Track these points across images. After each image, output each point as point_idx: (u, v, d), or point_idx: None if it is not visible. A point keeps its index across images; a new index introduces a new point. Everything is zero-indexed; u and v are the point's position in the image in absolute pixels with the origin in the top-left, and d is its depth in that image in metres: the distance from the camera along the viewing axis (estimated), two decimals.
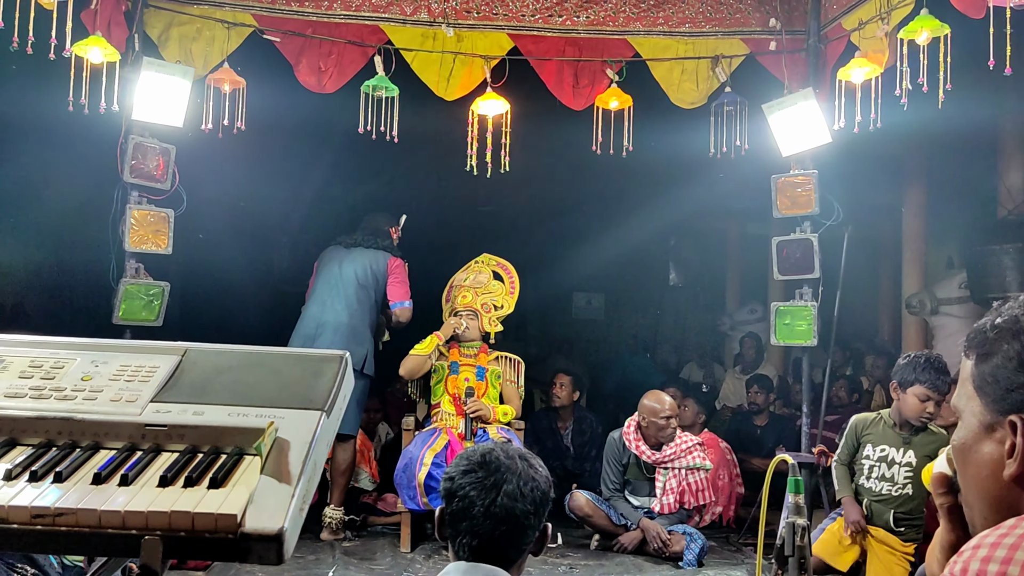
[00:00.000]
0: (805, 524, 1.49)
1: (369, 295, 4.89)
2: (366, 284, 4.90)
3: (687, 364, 9.54)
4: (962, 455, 1.00)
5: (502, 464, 1.76)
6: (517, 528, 1.73)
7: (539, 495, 1.76)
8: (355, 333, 4.77)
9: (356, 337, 4.75)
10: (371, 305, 4.90)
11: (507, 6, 4.96)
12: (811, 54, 4.87)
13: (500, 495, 1.71)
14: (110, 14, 4.31)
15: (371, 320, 4.90)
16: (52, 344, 1.37)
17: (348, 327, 4.77)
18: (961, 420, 1.02)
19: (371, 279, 4.91)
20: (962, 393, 1.02)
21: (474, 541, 1.73)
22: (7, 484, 1.11)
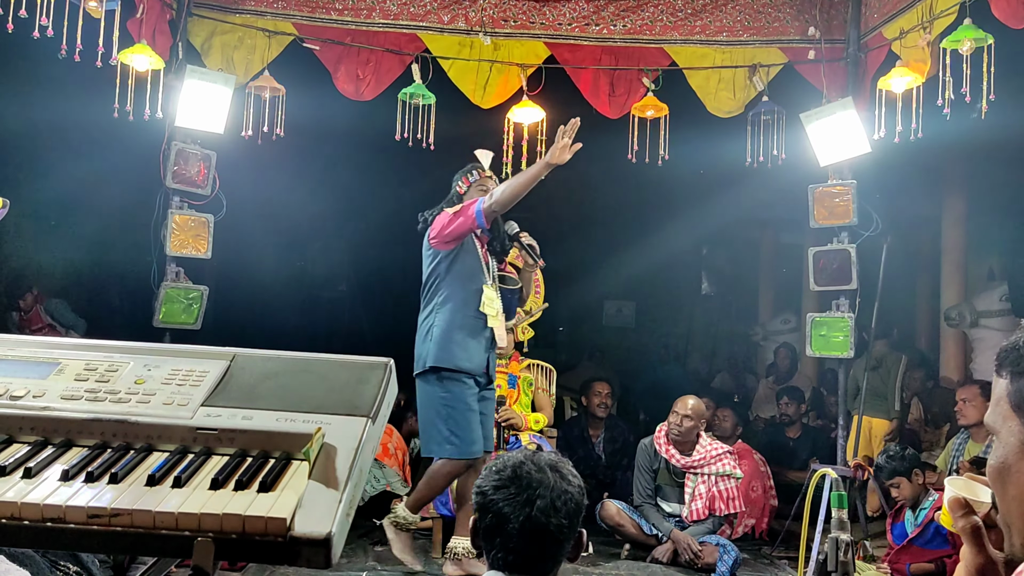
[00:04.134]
0: (849, 539, 1.47)
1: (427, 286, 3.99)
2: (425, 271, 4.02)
3: (718, 374, 9.47)
4: (1001, 476, 0.98)
5: (534, 479, 1.75)
6: (552, 542, 1.73)
7: (572, 507, 1.75)
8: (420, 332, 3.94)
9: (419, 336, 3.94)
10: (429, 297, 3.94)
11: (544, 15, 4.98)
12: (851, 63, 4.83)
13: (534, 511, 1.71)
14: (155, 23, 4.40)
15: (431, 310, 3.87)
16: (106, 348, 1.40)
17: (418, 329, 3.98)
18: (998, 440, 1.00)
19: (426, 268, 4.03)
20: (997, 412, 1.00)
21: (509, 556, 1.73)
22: (64, 484, 1.14)
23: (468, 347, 3.79)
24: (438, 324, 3.81)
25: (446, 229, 3.79)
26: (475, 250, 3.91)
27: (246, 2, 4.80)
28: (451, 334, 3.77)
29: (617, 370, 9.62)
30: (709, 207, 7.46)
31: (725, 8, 4.97)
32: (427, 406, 3.82)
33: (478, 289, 3.85)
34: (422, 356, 3.81)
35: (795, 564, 4.56)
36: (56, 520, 1.09)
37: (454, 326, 3.79)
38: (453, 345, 3.76)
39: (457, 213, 3.77)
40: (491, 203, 3.69)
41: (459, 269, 3.88)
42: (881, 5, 4.66)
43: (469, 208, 3.74)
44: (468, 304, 3.84)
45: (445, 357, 3.74)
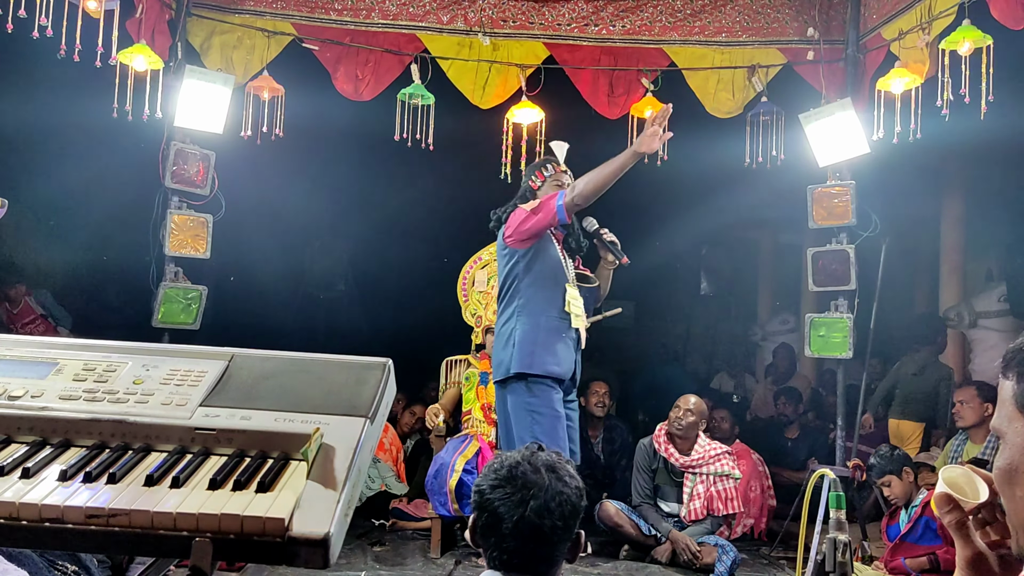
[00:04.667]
0: (847, 540, 1.47)
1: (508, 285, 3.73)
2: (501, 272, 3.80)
3: (717, 374, 9.47)
4: (1009, 477, 0.98)
5: (529, 480, 1.75)
6: (546, 543, 1.73)
7: (568, 509, 1.74)
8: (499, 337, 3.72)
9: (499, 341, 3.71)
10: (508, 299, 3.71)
11: (543, 15, 4.98)
12: (849, 64, 4.83)
13: (527, 511, 1.71)
14: (154, 23, 4.40)
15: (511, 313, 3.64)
16: (104, 348, 1.40)
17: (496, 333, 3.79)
18: (1004, 442, 1.00)
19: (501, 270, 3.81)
20: (1003, 414, 1.00)
21: (504, 556, 1.74)
22: (62, 484, 1.14)
23: (555, 350, 3.56)
24: (520, 328, 3.57)
25: (524, 226, 3.55)
26: (553, 248, 3.69)
27: (245, 2, 4.80)
28: (535, 337, 3.54)
29: (615, 370, 9.61)
30: (708, 207, 7.46)
31: (724, 9, 4.98)
32: (512, 415, 3.57)
33: (561, 289, 3.64)
34: (504, 362, 3.58)
35: (793, 564, 4.57)
36: (54, 520, 1.09)
37: (538, 329, 3.56)
38: (538, 349, 3.53)
39: (535, 209, 3.52)
40: (573, 196, 3.43)
41: (539, 268, 3.64)
42: (880, 6, 4.67)
43: (548, 203, 3.50)
44: (551, 305, 3.61)
45: (531, 362, 3.50)
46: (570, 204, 3.45)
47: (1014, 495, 0.98)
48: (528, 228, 3.54)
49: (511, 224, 3.62)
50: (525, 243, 3.61)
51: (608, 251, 3.86)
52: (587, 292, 3.87)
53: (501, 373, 3.59)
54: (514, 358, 3.52)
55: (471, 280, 5.12)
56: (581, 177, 3.49)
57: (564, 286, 3.64)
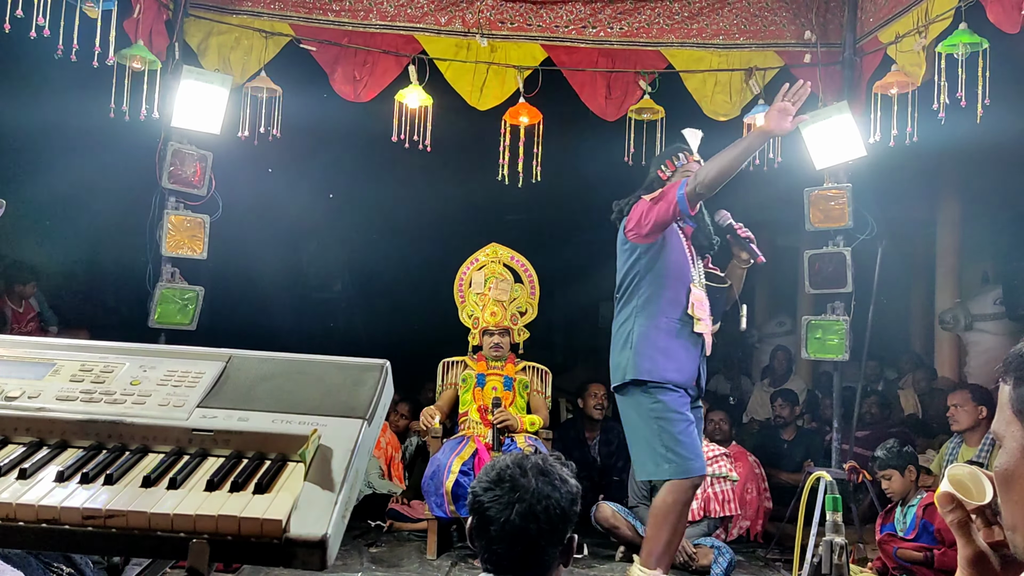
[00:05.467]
0: (843, 542, 1.48)
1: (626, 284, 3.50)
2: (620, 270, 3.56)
3: (713, 376, 9.47)
4: (1006, 481, 0.99)
5: (517, 483, 1.75)
6: (532, 546, 1.73)
7: (556, 512, 1.74)
8: (616, 340, 3.48)
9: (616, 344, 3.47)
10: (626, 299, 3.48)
11: (541, 17, 4.99)
12: (846, 67, 4.84)
13: (513, 514, 1.72)
14: (152, 23, 4.40)
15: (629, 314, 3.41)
16: (101, 348, 1.40)
17: (613, 335, 3.53)
18: (1003, 446, 1.01)
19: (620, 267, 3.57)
20: (1001, 418, 1.01)
21: (494, 557, 1.76)
22: (59, 485, 1.14)
23: (676, 356, 3.28)
24: (639, 330, 3.30)
25: (645, 219, 3.28)
26: (679, 244, 3.39)
27: (243, 3, 4.80)
28: (655, 341, 3.26)
29: None
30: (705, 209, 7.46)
31: (721, 11, 4.99)
32: (634, 422, 3.29)
33: (685, 288, 3.35)
34: (621, 366, 3.32)
35: (789, 567, 4.57)
36: (51, 521, 1.09)
37: (658, 331, 3.28)
38: (658, 354, 3.25)
39: (656, 199, 3.26)
40: (695, 185, 3.13)
41: (663, 266, 3.36)
42: (877, 9, 4.68)
43: (669, 192, 3.21)
44: (673, 306, 3.32)
45: (649, 368, 3.23)
46: (692, 193, 3.15)
47: (1010, 498, 0.99)
48: (648, 221, 3.26)
49: (632, 217, 3.35)
50: (647, 238, 3.34)
51: (742, 248, 3.55)
52: (716, 293, 3.54)
53: (618, 378, 3.34)
54: (631, 363, 3.26)
55: (468, 281, 5.11)
56: (704, 164, 3.21)
57: (689, 286, 3.36)
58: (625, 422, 3.38)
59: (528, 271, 5.13)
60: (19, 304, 6.10)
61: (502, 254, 5.13)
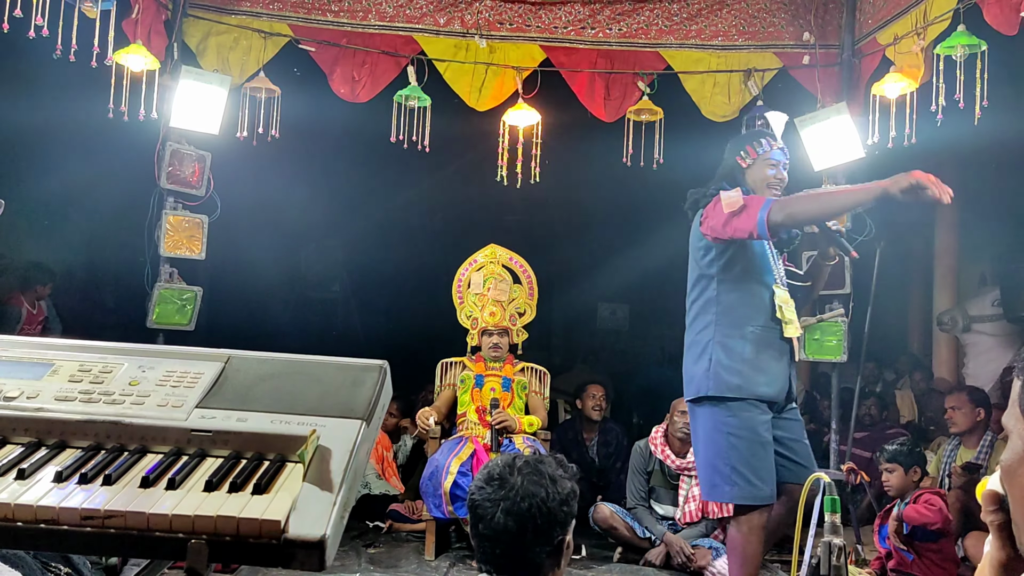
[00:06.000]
0: (842, 544, 1.48)
1: (700, 287, 3.19)
2: (692, 271, 3.26)
3: None
4: (1009, 476, 1.00)
5: (505, 481, 1.77)
6: (517, 545, 1.74)
7: (542, 512, 1.74)
8: (689, 349, 3.20)
9: (690, 354, 3.18)
10: (702, 304, 3.16)
11: (540, 18, 4.99)
12: (845, 68, 4.85)
13: (499, 512, 1.74)
14: (150, 23, 4.40)
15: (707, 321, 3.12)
16: (100, 349, 1.40)
17: (686, 344, 3.23)
18: (1010, 441, 1.02)
19: (692, 264, 3.25)
20: (1011, 414, 1.02)
21: (485, 555, 1.79)
22: (58, 486, 1.14)
23: (767, 367, 3.01)
24: (721, 340, 3.01)
25: (719, 229, 3.00)
26: (760, 242, 3.08)
27: (242, 3, 4.80)
28: (742, 352, 2.99)
29: (611, 373, 9.63)
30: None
31: (720, 13, 4.99)
32: (706, 437, 3.04)
33: (769, 291, 3.08)
34: (696, 378, 3.06)
35: (788, 568, 4.57)
36: (49, 522, 1.09)
37: (744, 342, 3.01)
38: (746, 367, 2.98)
39: (735, 213, 2.92)
40: (783, 216, 2.83)
41: (743, 267, 3.07)
42: (875, 11, 4.69)
43: (753, 211, 2.88)
44: (758, 311, 3.04)
45: (738, 384, 2.96)
46: (776, 223, 2.85)
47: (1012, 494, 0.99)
48: (723, 232, 2.99)
49: (707, 218, 3.06)
50: (722, 241, 3.07)
51: (830, 243, 3.19)
52: (797, 294, 3.29)
53: (692, 391, 3.07)
54: (712, 377, 2.98)
55: (466, 282, 5.11)
56: (800, 194, 2.95)
57: (772, 287, 3.09)
58: (696, 436, 3.13)
59: (527, 272, 5.12)
60: (34, 305, 6.12)
61: (501, 255, 5.13)
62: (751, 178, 3.14)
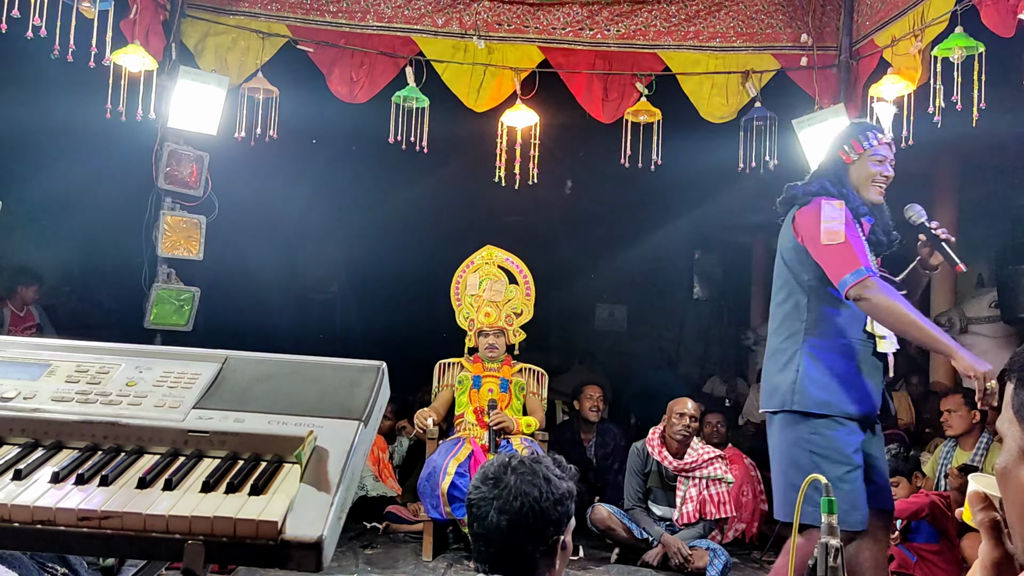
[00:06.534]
0: (839, 545, 1.48)
1: (788, 291, 2.95)
2: (780, 273, 3.01)
3: (710, 378, 9.49)
4: (1003, 479, 1.00)
5: (500, 480, 1.78)
6: (509, 544, 1.74)
7: (534, 511, 1.74)
8: (772, 357, 2.97)
9: (773, 363, 2.95)
10: (790, 309, 2.92)
11: (538, 19, 4.99)
12: (842, 70, 4.85)
13: (492, 511, 1.75)
14: (148, 24, 4.39)
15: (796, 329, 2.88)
16: (97, 349, 1.40)
17: (767, 351, 3.03)
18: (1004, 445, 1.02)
19: (781, 264, 3.00)
20: (1004, 417, 1.02)
21: (479, 554, 1.79)
22: (54, 486, 1.14)
23: (859, 384, 2.79)
24: (811, 351, 2.79)
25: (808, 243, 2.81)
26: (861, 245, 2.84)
27: (240, 3, 4.80)
28: (833, 367, 2.78)
29: (609, 374, 9.63)
30: (701, 212, 7.49)
31: (718, 14, 5.00)
32: (786, 455, 2.81)
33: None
34: (780, 390, 2.83)
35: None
36: (46, 522, 1.09)
37: (836, 355, 2.79)
38: (837, 383, 2.76)
39: (831, 248, 2.71)
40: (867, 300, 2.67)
41: None
42: (873, 13, 4.69)
43: (845, 263, 2.68)
44: (854, 323, 2.82)
45: (826, 400, 2.74)
46: (854, 296, 2.68)
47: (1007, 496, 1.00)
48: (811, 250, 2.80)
49: (803, 225, 2.83)
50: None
51: (934, 251, 2.99)
52: None
53: (775, 403, 2.85)
54: (798, 390, 2.76)
55: (463, 284, 5.12)
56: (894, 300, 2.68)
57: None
58: (774, 450, 2.90)
59: (523, 272, 5.13)
60: (20, 308, 6.08)
61: (497, 256, 5.14)
62: (855, 175, 2.94)
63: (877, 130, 2.99)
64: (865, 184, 2.93)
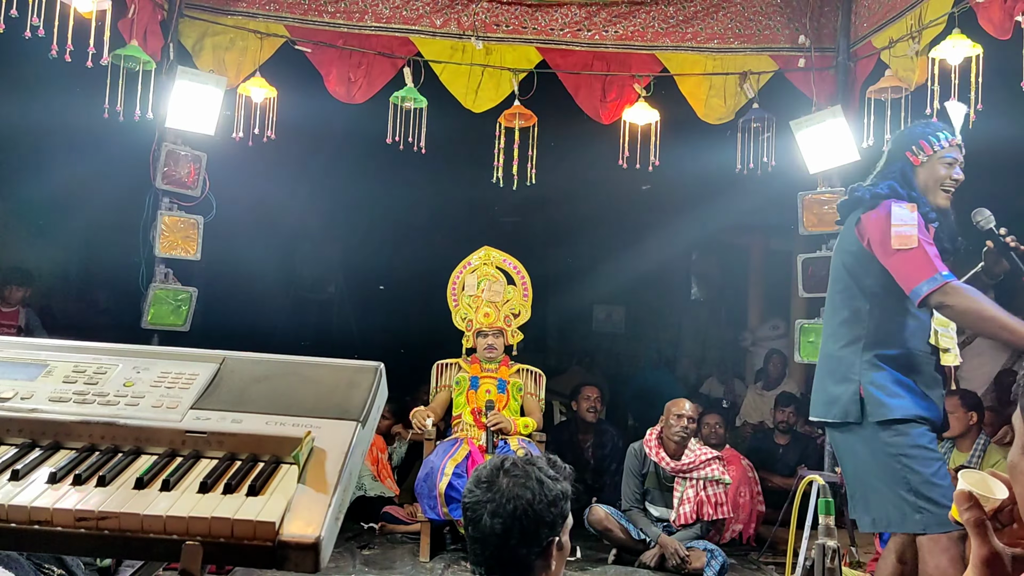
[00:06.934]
0: (836, 546, 1.48)
1: (847, 297, 2.82)
2: (839, 278, 2.88)
3: (707, 379, 9.49)
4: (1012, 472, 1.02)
5: (493, 483, 1.77)
6: (503, 546, 1.74)
7: (527, 513, 1.74)
8: (828, 365, 2.86)
9: (830, 371, 2.84)
10: (848, 315, 2.80)
11: (536, 20, 5.00)
12: (840, 71, 4.86)
13: (485, 514, 1.75)
14: (146, 23, 4.39)
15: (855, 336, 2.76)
16: (95, 350, 1.40)
17: (821, 357, 2.94)
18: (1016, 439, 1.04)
19: (840, 268, 2.88)
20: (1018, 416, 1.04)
21: (475, 556, 1.80)
22: (52, 487, 1.14)
23: (923, 394, 2.69)
24: (870, 358, 2.68)
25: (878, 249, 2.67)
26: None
27: (238, 4, 4.79)
28: (896, 375, 2.68)
29: (606, 375, 9.63)
30: (699, 213, 7.48)
31: (716, 16, 5.00)
32: (865, 463, 2.68)
33: (929, 311, 2.73)
34: (841, 402, 2.72)
35: (782, 570, 4.57)
36: (43, 523, 1.09)
37: (898, 363, 2.70)
38: (903, 389, 2.66)
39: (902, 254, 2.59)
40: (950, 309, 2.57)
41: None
42: (871, 15, 4.70)
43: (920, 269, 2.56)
44: (919, 334, 2.72)
45: (900, 405, 2.63)
46: (936, 304, 2.58)
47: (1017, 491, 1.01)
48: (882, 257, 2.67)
49: (871, 229, 2.70)
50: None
51: (1000, 259, 2.81)
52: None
53: (836, 414, 2.74)
54: (869, 401, 2.65)
55: (461, 284, 5.12)
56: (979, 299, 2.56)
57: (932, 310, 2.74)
58: (847, 459, 2.77)
59: (521, 273, 5.13)
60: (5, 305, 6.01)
61: (495, 257, 5.14)
62: (922, 177, 2.79)
63: (948, 130, 2.84)
64: (934, 188, 2.79)
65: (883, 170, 2.88)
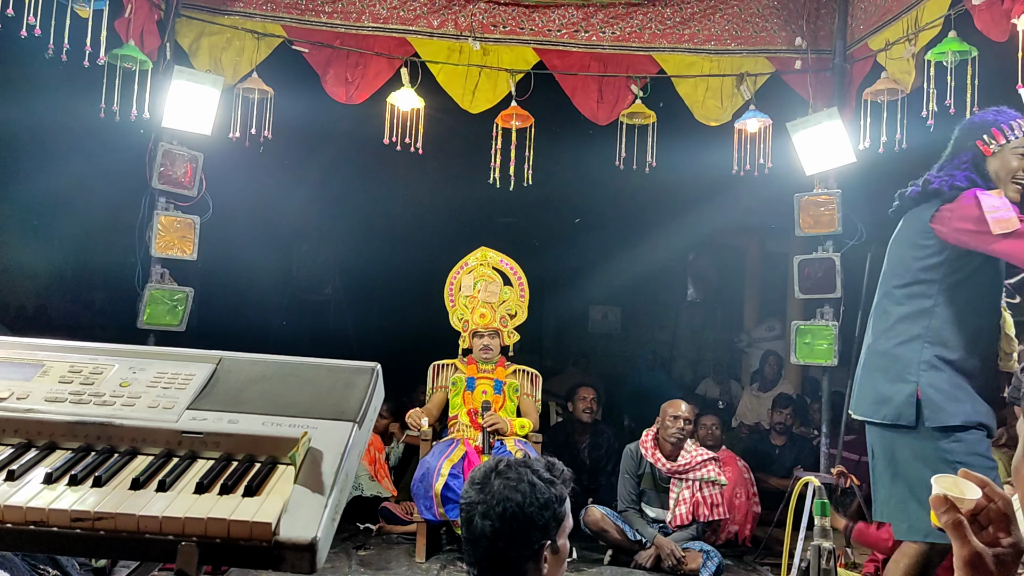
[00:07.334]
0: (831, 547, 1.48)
1: (909, 292, 2.69)
2: (898, 271, 2.76)
3: (703, 380, 9.50)
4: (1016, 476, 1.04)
5: (486, 485, 1.78)
6: (493, 548, 1.75)
7: (518, 516, 1.73)
8: (880, 362, 2.73)
9: (882, 368, 2.71)
10: (910, 311, 2.66)
11: (533, 21, 5.00)
12: (837, 73, 4.87)
13: (477, 516, 1.75)
14: (143, 23, 4.38)
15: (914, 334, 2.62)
16: (91, 350, 1.39)
17: (871, 352, 2.80)
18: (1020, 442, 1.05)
19: (903, 263, 2.76)
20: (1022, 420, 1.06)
21: (469, 559, 1.80)
22: (48, 487, 1.13)
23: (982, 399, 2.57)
24: (931, 358, 2.55)
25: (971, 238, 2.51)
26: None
27: (235, 3, 4.79)
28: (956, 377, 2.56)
29: (602, 376, 9.64)
30: (695, 214, 7.49)
31: (713, 17, 5.01)
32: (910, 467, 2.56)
33: (997, 313, 2.62)
34: (895, 402, 2.60)
35: (778, 571, 4.58)
36: (39, 523, 1.08)
37: (960, 365, 2.57)
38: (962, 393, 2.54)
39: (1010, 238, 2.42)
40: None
41: (978, 283, 2.58)
42: (867, 17, 4.71)
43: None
44: (984, 336, 2.59)
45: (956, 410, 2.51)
46: None
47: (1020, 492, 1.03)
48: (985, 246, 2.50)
49: (954, 219, 2.55)
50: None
51: None
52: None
53: (887, 415, 2.62)
54: (927, 405, 2.52)
55: (457, 285, 5.12)
56: None
57: (1001, 309, 2.64)
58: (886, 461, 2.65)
59: (517, 274, 5.13)
60: None
61: (491, 257, 5.14)
62: (994, 168, 2.65)
63: (1021, 119, 2.67)
64: (1005, 180, 2.63)
65: (951, 159, 2.73)
